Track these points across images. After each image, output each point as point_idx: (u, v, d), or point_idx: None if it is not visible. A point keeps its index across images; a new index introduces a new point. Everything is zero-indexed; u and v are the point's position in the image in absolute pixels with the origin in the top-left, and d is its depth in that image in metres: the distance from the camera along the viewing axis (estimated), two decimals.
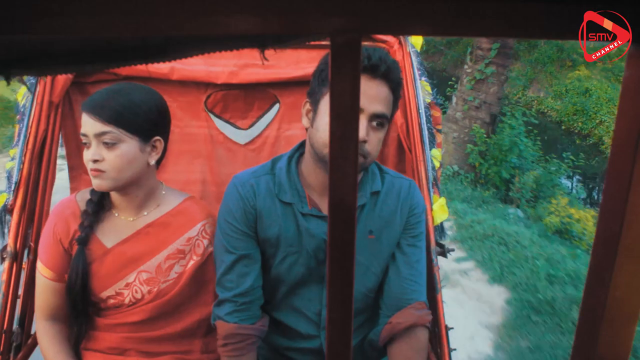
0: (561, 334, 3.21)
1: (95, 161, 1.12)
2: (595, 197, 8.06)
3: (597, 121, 9.01)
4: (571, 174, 8.12)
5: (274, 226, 1.14)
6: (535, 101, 10.93)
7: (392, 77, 1.06)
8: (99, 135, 1.11)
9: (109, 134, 1.11)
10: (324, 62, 1.10)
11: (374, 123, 1.05)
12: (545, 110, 10.45)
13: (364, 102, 1.03)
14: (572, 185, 8.32)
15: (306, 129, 1.16)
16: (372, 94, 1.04)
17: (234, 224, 1.15)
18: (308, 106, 1.12)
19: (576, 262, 4.12)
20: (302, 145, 1.21)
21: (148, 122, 1.16)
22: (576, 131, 9.70)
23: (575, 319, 3.12)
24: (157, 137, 1.19)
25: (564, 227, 5.31)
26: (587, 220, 5.37)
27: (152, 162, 1.20)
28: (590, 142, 9.24)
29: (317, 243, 1.15)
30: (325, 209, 1.16)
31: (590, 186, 8.54)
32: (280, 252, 1.16)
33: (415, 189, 1.24)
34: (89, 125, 1.11)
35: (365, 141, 1.04)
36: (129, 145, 1.13)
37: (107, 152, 1.12)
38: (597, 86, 9.73)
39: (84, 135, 1.13)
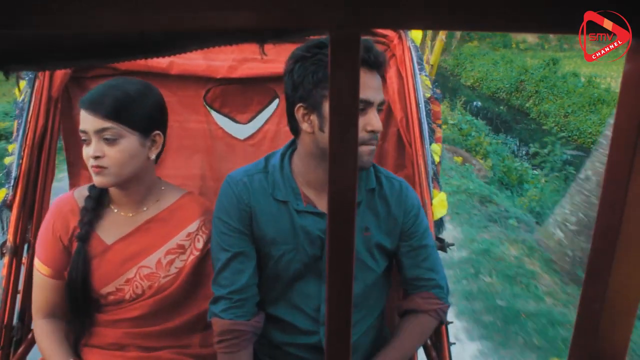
0: None
1: (96, 158, 1.11)
2: None
3: (476, 72, 14.81)
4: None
5: (269, 225, 1.15)
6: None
7: (384, 66, 1.11)
8: (99, 132, 1.11)
9: (109, 130, 1.10)
10: (310, 62, 1.07)
11: (377, 111, 1.10)
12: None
13: (370, 94, 1.07)
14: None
15: (295, 135, 1.16)
16: (374, 86, 1.08)
17: (229, 222, 1.16)
18: (303, 110, 1.09)
19: None
20: (293, 142, 1.21)
21: (148, 116, 1.15)
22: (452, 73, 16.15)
23: None
24: (157, 132, 1.19)
25: None
26: None
27: (153, 156, 1.20)
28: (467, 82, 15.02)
29: (313, 240, 1.15)
30: (321, 206, 1.16)
31: None
32: (276, 250, 1.16)
33: (407, 189, 1.26)
34: (88, 121, 1.11)
35: (380, 130, 1.09)
36: (130, 140, 1.13)
37: (108, 148, 1.11)
38: (480, 51, 16.53)
39: (84, 132, 1.12)
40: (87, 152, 1.13)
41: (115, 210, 1.24)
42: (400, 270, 1.28)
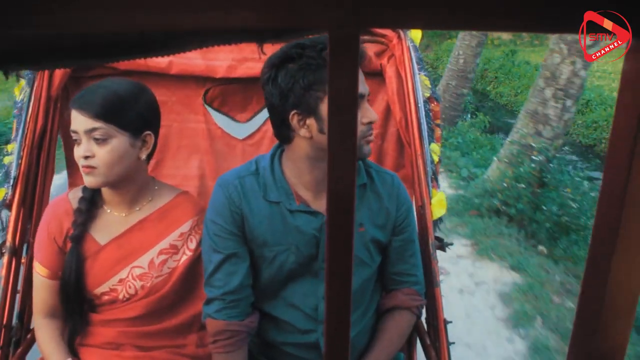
0: None
1: (86, 157, 1.11)
2: None
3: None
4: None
5: (261, 226, 1.15)
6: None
7: (364, 60, 1.17)
8: (89, 132, 1.11)
9: (99, 130, 1.10)
10: (297, 68, 1.04)
11: None
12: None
13: (361, 87, 1.08)
14: None
15: (284, 142, 1.14)
16: (361, 79, 1.10)
17: (222, 224, 1.15)
18: (298, 117, 1.06)
19: None
20: (281, 144, 1.20)
21: (138, 116, 1.15)
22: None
23: None
24: (148, 132, 1.19)
25: None
26: None
27: (143, 156, 1.19)
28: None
29: (307, 239, 1.15)
30: (315, 205, 1.16)
31: None
32: (268, 252, 1.16)
33: (400, 183, 1.27)
34: (78, 121, 1.11)
35: (375, 119, 1.11)
36: (120, 140, 1.13)
37: (98, 148, 1.11)
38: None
39: (74, 132, 1.12)
40: (78, 152, 1.13)
41: (109, 211, 1.24)
42: (382, 264, 1.29)
